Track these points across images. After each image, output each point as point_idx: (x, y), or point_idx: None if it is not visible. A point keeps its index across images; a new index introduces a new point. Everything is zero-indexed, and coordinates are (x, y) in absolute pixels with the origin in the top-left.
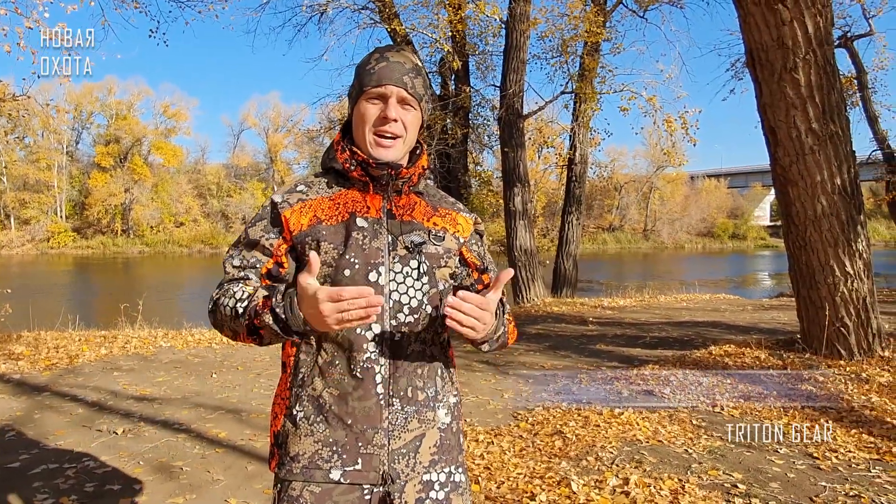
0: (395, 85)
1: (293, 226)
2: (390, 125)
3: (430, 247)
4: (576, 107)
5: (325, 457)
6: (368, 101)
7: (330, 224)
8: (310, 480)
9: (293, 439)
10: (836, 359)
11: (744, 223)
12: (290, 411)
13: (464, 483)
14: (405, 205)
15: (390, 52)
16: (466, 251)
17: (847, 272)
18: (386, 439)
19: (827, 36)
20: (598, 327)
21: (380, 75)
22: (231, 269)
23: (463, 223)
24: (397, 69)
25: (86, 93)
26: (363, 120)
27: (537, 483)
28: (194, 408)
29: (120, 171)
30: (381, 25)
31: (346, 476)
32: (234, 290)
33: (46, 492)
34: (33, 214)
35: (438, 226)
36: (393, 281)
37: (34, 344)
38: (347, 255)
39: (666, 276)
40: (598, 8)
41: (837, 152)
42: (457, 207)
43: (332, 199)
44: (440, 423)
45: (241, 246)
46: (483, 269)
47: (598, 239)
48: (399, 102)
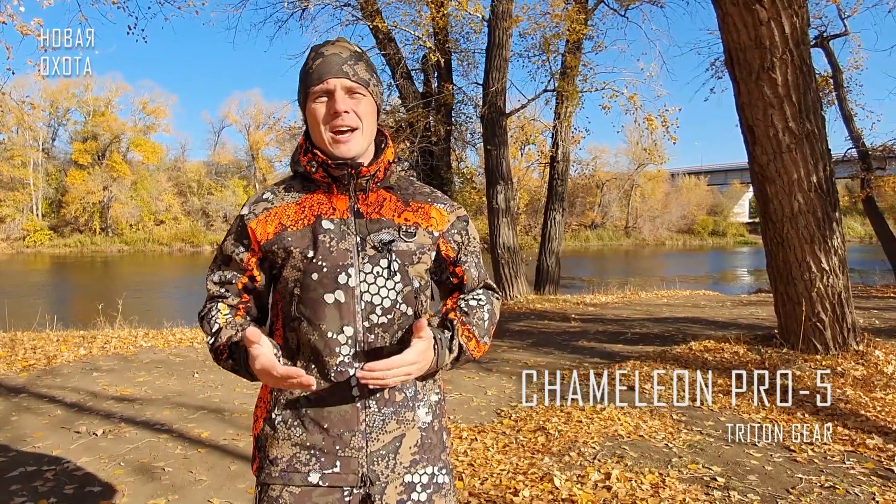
0: (336, 76)
1: (259, 236)
2: (342, 118)
3: (401, 244)
4: (558, 104)
5: (303, 460)
6: (316, 102)
7: (295, 229)
8: (289, 483)
9: (272, 443)
10: (812, 353)
11: (723, 220)
12: (269, 415)
13: (447, 483)
14: (374, 202)
15: (325, 47)
16: (443, 243)
17: (823, 268)
18: (364, 441)
19: (803, 36)
20: (581, 324)
21: (319, 72)
22: (212, 287)
23: (436, 216)
24: (335, 61)
25: (62, 89)
26: (316, 120)
27: (521, 479)
28: (176, 408)
29: (98, 169)
30: (362, 22)
31: (325, 479)
32: (210, 316)
33: (24, 495)
34: (8, 213)
35: (410, 221)
36: (364, 282)
37: (10, 345)
38: (315, 258)
39: (647, 273)
40: (579, 6)
41: (814, 150)
42: (432, 199)
43: (298, 203)
44: (421, 422)
45: (218, 261)
46: (455, 262)
47: (580, 236)
48: (346, 93)
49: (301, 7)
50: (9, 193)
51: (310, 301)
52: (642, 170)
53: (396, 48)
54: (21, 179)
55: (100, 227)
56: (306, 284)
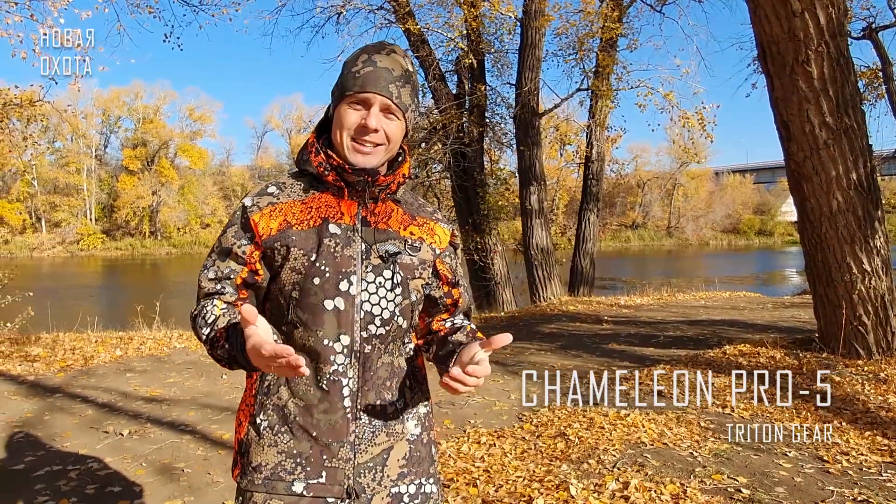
0: (380, 93)
1: (262, 230)
2: (370, 135)
3: (406, 257)
4: (592, 104)
5: (288, 468)
6: (350, 106)
7: (301, 229)
8: (272, 492)
9: (256, 448)
10: (853, 358)
11: (770, 219)
12: (254, 419)
13: (435, 494)
14: (381, 212)
15: (379, 55)
16: (440, 263)
17: (864, 269)
18: (352, 453)
19: (840, 27)
20: (613, 326)
21: (364, 80)
22: (206, 284)
23: (440, 234)
24: (384, 76)
25: (113, 97)
26: (342, 125)
27: (536, 486)
28: (202, 409)
29: (147, 174)
30: (396, 25)
31: (310, 489)
32: (205, 312)
33: (47, 494)
34: (63, 217)
35: (415, 235)
36: (365, 291)
37: (51, 346)
38: (318, 262)
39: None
40: (613, 3)
41: (853, 146)
42: (435, 217)
43: (304, 202)
44: (409, 434)
45: (214, 255)
46: (454, 283)
47: (621, 236)
48: (382, 111)
49: (336, 12)
50: (64, 199)
51: (308, 305)
52: (685, 168)
53: (429, 50)
54: (75, 185)
55: (149, 231)
56: (306, 288)
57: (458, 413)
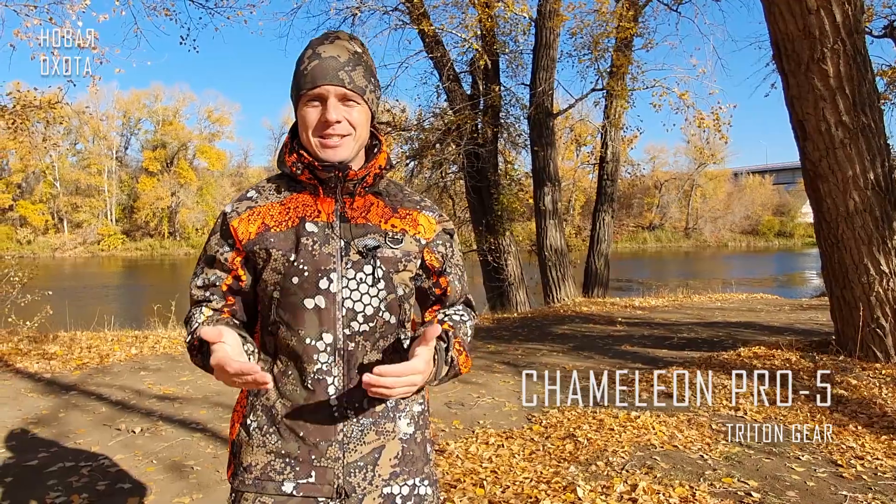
0: (332, 84)
1: (241, 235)
2: (333, 127)
3: (387, 250)
4: (607, 104)
5: (277, 468)
6: (307, 105)
7: (279, 230)
8: (262, 492)
9: (246, 449)
10: (871, 361)
11: (790, 220)
12: (245, 420)
13: (430, 495)
14: (360, 207)
15: (323, 46)
16: (428, 252)
17: (882, 271)
18: (340, 452)
19: (856, 24)
20: (626, 328)
21: (314, 75)
22: (196, 292)
23: (425, 223)
24: (332, 65)
25: (134, 100)
26: (305, 125)
27: (543, 488)
28: (213, 407)
29: (166, 176)
30: (410, 26)
31: (299, 489)
32: (193, 319)
33: (59, 489)
34: (85, 218)
35: (397, 227)
36: (346, 288)
37: (69, 344)
38: (297, 261)
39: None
40: (629, 3)
41: (870, 146)
42: (421, 206)
43: (282, 203)
44: (401, 433)
45: (202, 263)
46: (440, 272)
47: (637, 237)
48: (340, 100)
49: (351, 14)
50: (86, 200)
51: (289, 305)
52: (703, 169)
53: (444, 51)
54: (97, 186)
55: (168, 232)
56: (286, 288)
57: (468, 414)
